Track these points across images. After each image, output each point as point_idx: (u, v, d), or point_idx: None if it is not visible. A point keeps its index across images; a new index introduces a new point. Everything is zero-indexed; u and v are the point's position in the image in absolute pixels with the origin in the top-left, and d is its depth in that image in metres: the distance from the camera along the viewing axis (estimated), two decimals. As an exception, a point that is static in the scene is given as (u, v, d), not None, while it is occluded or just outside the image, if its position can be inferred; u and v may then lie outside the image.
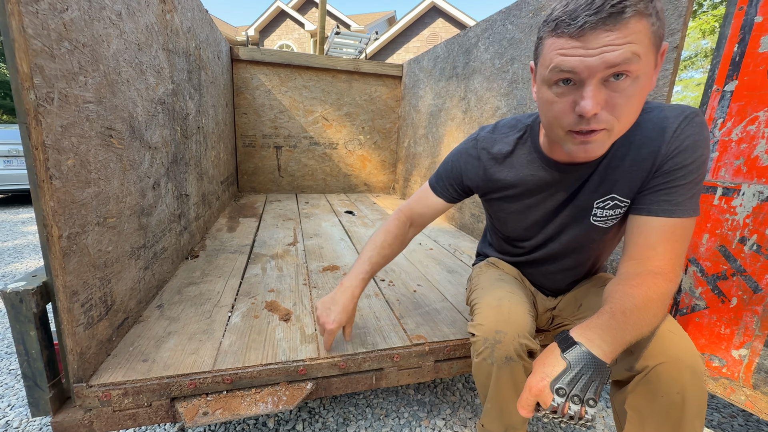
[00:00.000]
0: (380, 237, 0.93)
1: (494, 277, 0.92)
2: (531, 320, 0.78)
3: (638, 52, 0.51)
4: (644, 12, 0.50)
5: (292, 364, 0.89)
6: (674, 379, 0.61)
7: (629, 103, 0.55)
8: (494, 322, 0.75)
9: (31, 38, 0.65)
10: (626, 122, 0.59)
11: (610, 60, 0.51)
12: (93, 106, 0.84)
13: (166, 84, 1.32)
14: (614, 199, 0.73)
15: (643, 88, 0.55)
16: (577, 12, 0.52)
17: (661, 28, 0.53)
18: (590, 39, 0.52)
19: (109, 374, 0.82)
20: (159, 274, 1.23)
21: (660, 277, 0.63)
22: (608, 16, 0.50)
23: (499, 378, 0.76)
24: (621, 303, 0.61)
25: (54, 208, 0.70)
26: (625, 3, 0.49)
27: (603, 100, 0.55)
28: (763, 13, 0.86)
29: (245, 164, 3.19)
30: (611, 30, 0.50)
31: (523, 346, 0.73)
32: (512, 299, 0.80)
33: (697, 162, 0.63)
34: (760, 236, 0.89)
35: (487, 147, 0.85)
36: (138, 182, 1.07)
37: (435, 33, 12.65)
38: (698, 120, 0.64)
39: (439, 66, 2.54)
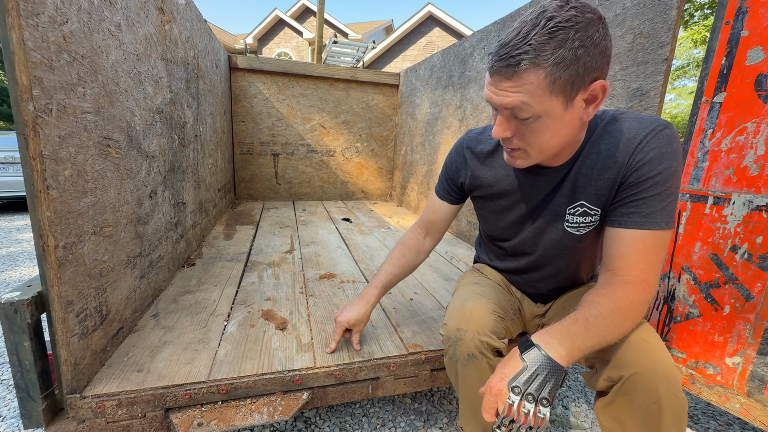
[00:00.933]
0: (396, 250, 1.01)
1: (470, 282, 0.96)
2: (494, 319, 0.80)
3: (527, 101, 0.59)
4: (540, 64, 0.56)
5: (288, 373, 0.89)
6: (649, 389, 0.62)
7: (535, 136, 0.64)
8: (456, 321, 0.79)
9: (30, 51, 0.65)
10: (539, 149, 0.67)
11: (504, 104, 0.61)
12: (91, 117, 0.84)
13: (164, 93, 1.33)
14: (583, 206, 0.76)
15: (550, 126, 0.63)
16: (494, 54, 0.61)
17: (570, 74, 0.57)
18: (496, 81, 0.61)
19: (103, 385, 0.81)
20: (155, 282, 1.22)
21: (631, 286, 0.64)
22: (506, 66, 0.58)
23: (465, 375, 0.79)
24: (587, 310, 0.62)
25: (50, 218, 0.70)
26: (520, 57, 0.57)
27: (513, 128, 0.65)
28: (749, 27, 0.88)
29: (242, 171, 3.19)
30: (508, 78, 0.59)
31: (483, 343, 0.76)
32: (476, 300, 0.83)
33: (664, 174, 0.65)
34: (751, 245, 0.90)
35: (471, 146, 0.90)
36: (135, 191, 1.07)
37: (432, 42, 12.80)
38: (666, 132, 0.66)
39: (436, 75, 2.57)
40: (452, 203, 0.97)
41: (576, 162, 0.74)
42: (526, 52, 0.56)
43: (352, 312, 0.95)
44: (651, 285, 0.65)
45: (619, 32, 1.18)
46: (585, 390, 1.47)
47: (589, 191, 0.74)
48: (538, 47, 0.56)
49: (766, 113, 0.86)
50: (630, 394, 0.64)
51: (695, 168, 0.99)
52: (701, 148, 0.98)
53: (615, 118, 0.72)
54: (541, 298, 0.96)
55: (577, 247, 0.82)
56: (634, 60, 1.13)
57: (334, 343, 0.97)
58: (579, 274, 0.90)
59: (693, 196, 1.00)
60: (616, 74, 1.20)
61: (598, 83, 0.60)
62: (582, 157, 0.74)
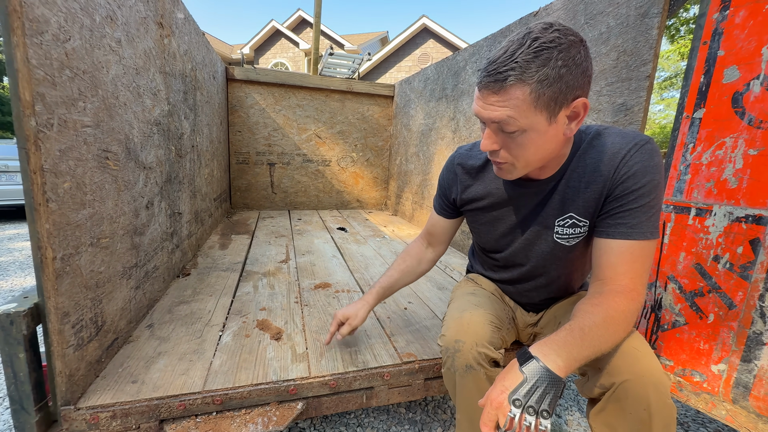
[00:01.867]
0: (399, 257, 1.07)
1: (467, 292, 0.98)
2: (492, 330, 0.81)
3: (513, 115, 0.62)
4: (526, 81, 0.60)
5: (283, 383, 0.90)
6: (640, 396, 0.63)
7: (522, 149, 0.67)
8: (454, 333, 0.80)
9: (34, 68, 0.67)
10: (525, 161, 0.70)
11: (491, 117, 0.64)
12: (91, 130, 0.86)
13: (162, 105, 1.35)
14: (572, 218, 0.79)
15: (535, 140, 0.66)
16: (485, 67, 0.64)
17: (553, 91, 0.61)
18: (485, 96, 0.65)
19: (98, 396, 0.81)
20: (150, 293, 1.23)
21: (621, 295, 0.66)
22: (494, 81, 0.62)
23: (462, 386, 0.80)
24: (581, 320, 0.64)
25: (49, 230, 0.71)
26: (507, 73, 0.60)
27: (500, 141, 0.68)
28: (725, 48, 0.93)
29: (238, 181, 3.21)
30: (495, 93, 0.63)
31: (482, 354, 0.77)
32: (474, 311, 0.84)
33: (648, 186, 0.68)
34: (732, 255, 0.93)
35: (461, 162, 0.94)
36: (132, 202, 1.08)
37: (426, 53, 13.01)
38: (648, 147, 0.70)
39: (430, 87, 2.62)
40: (447, 218, 1.01)
41: (564, 175, 0.77)
42: (512, 68, 0.60)
43: (350, 308, 1.00)
44: (640, 294, 0.68)
45: (604, 50, 1.23)
46: (577, 398, 1.48)
47: (577, 203, 0.77)
48: (524, 65, 0.59)
49: (742, 129, 0.90)
50: (621, 400, 0.65)
51: (678, 180, 1.03)
52: (683, 161, 1.01)
53: (599, 133, 0.76)
54: (534, 308, 0.98)
55: (568, 258, 0.85)
56: (619, 76, 1.18)
57: (328, 336, 1.01)
58: (571, 283, 0.92)
59: (677, 208, 1.03)
60: (601, 89, 1.24)
61: (579, 101, 0.64)
62: (569, 171, 0.77)
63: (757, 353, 0.90)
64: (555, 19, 1.44)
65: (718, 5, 0.93)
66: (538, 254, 0.87)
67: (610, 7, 1.21)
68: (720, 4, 0.93)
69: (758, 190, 0.88)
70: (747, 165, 0.90)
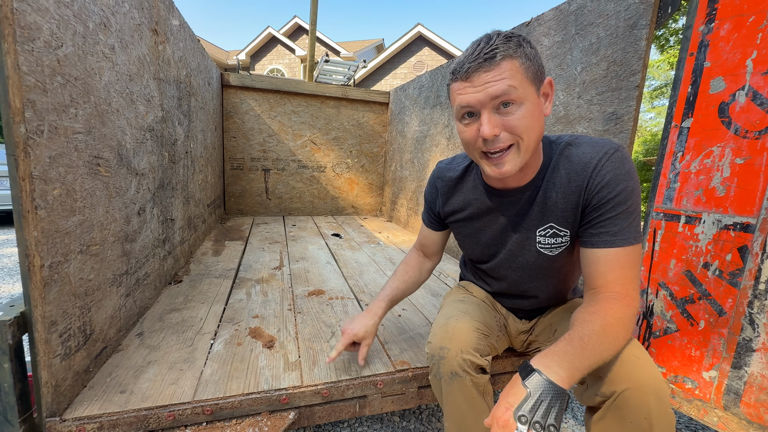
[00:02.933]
0: (400, 267, 1.07)
1: (455, 299, 0.98)
2: (478, 337, 0.81)
3: (513, 84, 0.65)
4: (512, 55, 0.65)
5: (275, 392, 0.89)
6: (640, 405, 0.63)
7: (522, 123, 0.67)
8: (440, 340, 0.81)
9: (25, 75, 0.67)
10: (529, 137, 0.69)
11: (492, 93, 0.65)
12: (82, 137, 0.86)
13: (155, 112, 1.35)
14: (553, 227, 0.80)
15: (532, 112, 0.68)
16: (463, 62, 0.67)
17: (534, 67, 0.67)
18: (475, 79, 0.66)
19: (85, 407, 0.80)
20: (140, 300, 1.21)
21: (617, 302, 0.67)
22: (484, 60, 0.65)
23: (448, 393, 0.80)
24: (579, 329, 0.64)
25: (37, 237, 0.70)
26: (495, 51, 0.64)
27: (499, 123, 0.67)
28: (711, 59, 0.95)
29: (233, 187, 3.19)
30: (488, 71, 0.65)
31: (467, 361, 0.77)
32: (460, 318, 0.84)
33: (623, 194, 0.70)
34: (722, 262, 0.94)
35: (441, 176, 0.96)
36: (123, 209, 1.07)
37: (421, 61, 13.14)
38: (618, 155, 0.71)
39: (424, 94, 2.65)
40: (436, 230, 1.02)
41: (541, 186, 0.79)
42: (497, 47, 0.64)
43: (360, 324, 0.95)
44: (634, 299, 0.69)
45: (595, 60, 1.25)
46: (572, 405, 1.48)
47: (556, 214, 0.78)
48: (504, 45, 0.65)
49: (729, 138, 0.92)
50: (621, 409, 0.65)
51: (668, 188, 1.04)
52: (672, 169, 1.03)
53: (570, 143, 0.78)
54: (526, 315, 0.98)
55: (553, 267, 0.86)
56: (609, 86, 1.20)
57: (335, 353, 0.93)
58: (561, 292, 0.92)
59: (667, 215, 1.04)
60: (592, 99, 1.26)
61: (547, 79, 0.71)
62: (546, 181, 0.78)
63: (747, 360, 0.91)
64: (546, 29, 1.47)
65: (704, 18, 0.96)
66: (523, 264, 0.88)
67: (600, 19, 1.23)
68: (706, 17, 0.95)
69: (745, 198, 0.90)
70: (734, 173, 0.91)
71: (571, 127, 1.36)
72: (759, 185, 0.87)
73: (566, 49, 1.37)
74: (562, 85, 1.40)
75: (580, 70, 1.32)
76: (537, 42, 1.52)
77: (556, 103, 1.43)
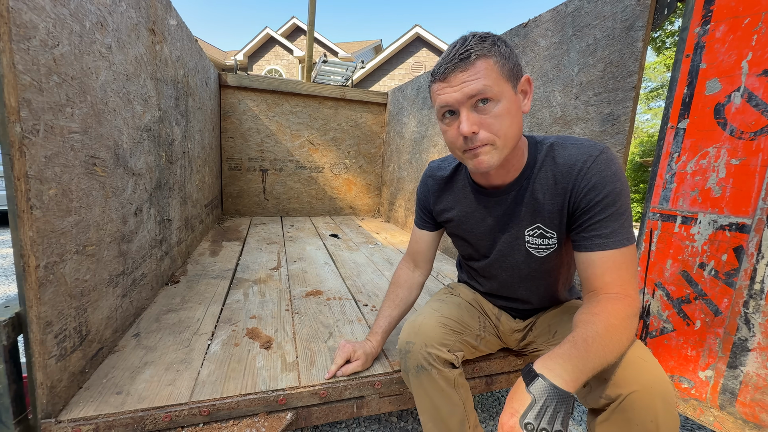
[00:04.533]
0: (390, 291, 1.05)
1: (435, 299, 1.01)
2: (444, 332, 0.85)
3: (488, 83, 0.66)
4: (487, 54, 0.67)
5: (272, 393, 0.88)
6: (647, 408, 0.62)
7: (499, 121, 0.69)
8: (406, 335, 0.85)
9: (20, 74, 0.67)
10: (506, 136, 0.70)
11: (468, 92, 0.67)
12: (78, 136, 0.85)
13: (152, 112, 1.34)
14: (540, 228, 0.81)
15: (510, 109, 0.69)
16: (441, 63, 0.70)
17: (509, 65, 0.69)
18: (452, 79, 0.68)
19: (80, 408, 0.79)
20: (137, 301, 1.21)
21: (619, 302, 0.67)
22: (459, 60, 0.67)
23: (417, 386, 0.83)
24: (583, 331, 0.63)
25: (33, 237, 0.70)
26: (469, 51, 0.66)
27: (477, 121, 0.69)
28: (706, 60, 0.96)
29: (230, 187, 3.18)
30: (464, 70, 0.67)
31: (431, 354, 0.80)
32: (429, 314, 0.88)
33: (611, 196, 0.70)
34: (717, 262, 0.95)
35: (432, 174, 0.97)
36: (120, 209, 1.07)
37: (419, 62, 13.16)
38: (603, 157, 0.72)
39: (422, 95, 2.65)
40: (431, 230, 1.02)
41: (528, 187, 0.80)
42: (471, 48, 0.67)
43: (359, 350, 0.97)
44: (634, 299, 0.69)
45: (592, 61, 1.26)
46: (569, 406, 1.48)
47: (543, 215, 0.79)
48: (479, 45, 0.67)
49: (724, 139, 0.92)
50: (627, 412, 0.64)
51: (664, 189, 1.05)
52: (669, 170, 1.03)
53: (555, 144, 0.78)
54: (519, 314, 0.98)
55: (542, 269, 0.86)
56: (606, 87, 1.20)
57: (334, 367, 0.95)
58: (552, 294, 0.93)
59: (663, 216, 1.05)
60: (589, 99, 1.27)
61: (525, 77, 0.73)
62: (533, 182, 0.79)
63: (743, 359, 0.91)
64: (544, 30, 1.47)
65: (700, 20, 0.96)
66: (513, 264, 0.89)
67: (597, 20, 1.24)
68: (701, 19, 0.96)
69: (740, 198, 0.90)
70: (729, 174, 0.92)
71: (568, 128, 1.37)
72: (754, 186, 0.88)
73: (563, 51, 1.38)
74: (560, 86, 1.40)
75: (577, 71, 1.32)
76: (534, 43, 1.53)
77: (554, 104, 1.43)
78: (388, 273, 1.86)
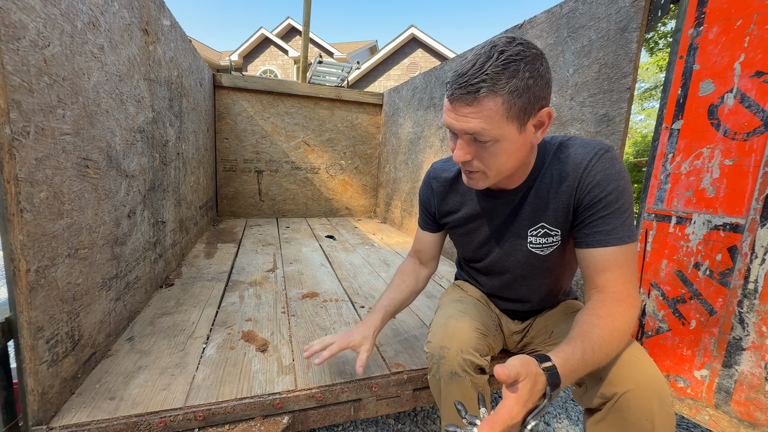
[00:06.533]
0: (396, 277, 1.03)
1: (453, 299, 0.98)
2: (477, 337, 0.81)
3: (487, 127, 0.64)
4: (498, 92, 0.62)
5: (268, 397, 0.87)
6: (643, 407, 0.63)
7: (494, 158, 0.69)
8: (440, 339, 0.80)
9: (10, 74, 0.65)
10: (497, 170, 0.71)
11: (465, 128, 0.66)
12: (70, 138, 0.84)
13: (146, 113, 1.33)
14: (544, 227, 0.81)
15: (506, 148, 0.68)
16: (453, 82, 0.65)
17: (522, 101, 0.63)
18: (457, 107, 0.66)
19: (72, 415, 0.78)
20: (131, 304, 1.19)
21: (624, 304, 0.67)
22: (467, 93, 0.63)
23: (447, 393, 0.79)
24: (591, 337, 0.63)
25: (23, 241, 0.69)
26: (479, 85, 0.61)
27: (473, 151, 0.69)
28: (700, 62, 0.96)
29: (225, 188, 3.16)
30: (469, 105, 0.64)
31: (467, 361, 0.77)
32: (459, 317, 0.84)
33: (614, 193, 0.70)
34: (712, 262, 0.95)
35: (436, 176, 0.96)
36: (113, 211, 1.05)
37: (415, 62, 13.18)
38: (607, 156, 0.72)
39: (418, 96, 2.65)
40: (433, 232, 1.02)
41: (533, 186, 0.80)
42: (484, 80, 0.61)
43: (357, 333, 0.90)
44: (636, 299, 0.69)
45: (586, 62, 1.27)
46: (566, 405, 1.49)
47: (548, 214, 0.79)
48: (494, 77, 0.61)
49: (718, 140, 0.93)
50: (623, 411, 0.65)
51: (659, 189, 1.05)
52: (663, 171, 1.04)
53: (563, 144, 0.78)
54: (518, 316, 0.98)
55: (545, 267, 0.86)
56: (600, 88, 1.21)
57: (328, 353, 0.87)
58: (552, 293, 0.93)
59: (658, 216, 1.06)
60: (584, 100, 1.28)
61: (544, 110, 0.68)
62: (537, 182, 0.79)
63: (738, 358, 0.92)
64: (539, 31, 1.48)
65: (693, 22, 0.97)
66: (515, 264, 0.89)
67: (592, 22, 1.25)
68: (695, 21, 0.97)
69: (734, 199, 0.91)
70: (723, 175, 0.93)
71: (563, 129, 1.37)
72: (747, 186, 0.89)
73: (558, 52, 1.38)
74: (555, 87, 1.41)
75: (572, 72, 1.33)
76: (529, 44, 1.53)
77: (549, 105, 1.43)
78: (384, 274, 1.86)
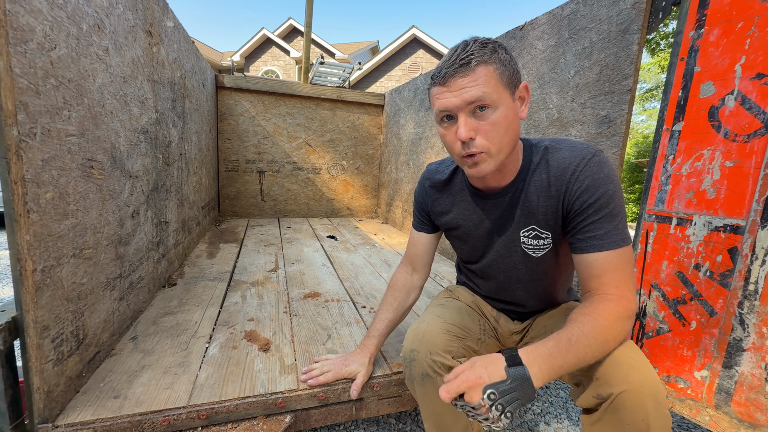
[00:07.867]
0: (387, 294, 1.03)
1: (436, 304, 1.00)
2: (449, 339, 0.83)
3: (487, 90, 0.67)
4: (487, 61, 0.67)
5: (271, 396, 0.88)
6: (638, 407, 0.63)
7: (495, 128, 0.70)
8: (410, 343, 0.83)
9: (17, 77, 0.66)
10: (500, 144, 0.71)
11: (467, 98, 0.67)
12: (75, 139, 0.85)
13: (149, 113, 1.34)
14: (534, 229, 0.82)
15: (507, 116, 0.70)
16: (441, 67, 0.70)
17: (509, 72, 0.70)
18: (451, 84, 0.68)
19: (78, 413, 0.79)
20: (134, 304, 1.20)
21: (612, 303, 0.68)
22: (460, 66, 0.67)
23: (422, 394, 0.82)
24: (569, 330, 0.65)
25: (30, 241, 0.69)
26: (470, 57, 0.67)
27: (474, 127, 0.70)
28: (701, 64, 0.97)
29: (227, 189, 3.17)
30: (464, 76, 0.67)
31: (436, 362, 0.79)
32: (432, 320, 0.87)
33: (604, 198, 0.71)
34: (712, 263, 0.96)
35: (430, 177, 0.97)
36: (117, 211, 1.06)
37: (416, 63, 13.19)
38: (595, 160, 0.73)
39: (419, 97, 2.66)
40: (429, 233, 1.02)
41: (522, 189, 0.81)
42: (472, 54, 0.67)
43: (354, 362, 0.96)
44: (630, 300, 0.69)
45: (588, 64, 1.27)
46: (567, 406, 1.49)
47: (537, 217, 0.81)
48: (480, 51, 0.68)
49: (719, 142, 0.94)
50: (619, 411, 0.65)
51: (659, 191, 1.06)
52: (664, 172, 1.04)
53: (550, 147, 0.79)
54: (518, 316, 0.99)
55: (539, 269, 0.87)
56: (602, 89, 1.21)
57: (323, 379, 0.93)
58: (549, 295, 0.93)
59: (659, 217, 1.06)
60: (585, 102, 1.28)
61: (523, 84, 0.74)
62: (527, 185, 0.80)
63: (738, 359, 0.92)
64: (540, 33, 1.48)
65: (694, 24, 0.97)
66: (510, 265, 0.90)
67: (593, 23, 1.25)
68: (696, 23, 0.97)
69: (735, 200, 0.91)
70: (724, 176, 0.93)
71: (564, 130, 1.38)
72: (748, 188, 0.89)
73: (560, 53, 1.39)
74: (556, 88, 1.41)
75: (573, 73, 1.33)
76: (531, 46, 1.54)
77: (550, 106, 1.44)
78: (386, 274, 1.86)
